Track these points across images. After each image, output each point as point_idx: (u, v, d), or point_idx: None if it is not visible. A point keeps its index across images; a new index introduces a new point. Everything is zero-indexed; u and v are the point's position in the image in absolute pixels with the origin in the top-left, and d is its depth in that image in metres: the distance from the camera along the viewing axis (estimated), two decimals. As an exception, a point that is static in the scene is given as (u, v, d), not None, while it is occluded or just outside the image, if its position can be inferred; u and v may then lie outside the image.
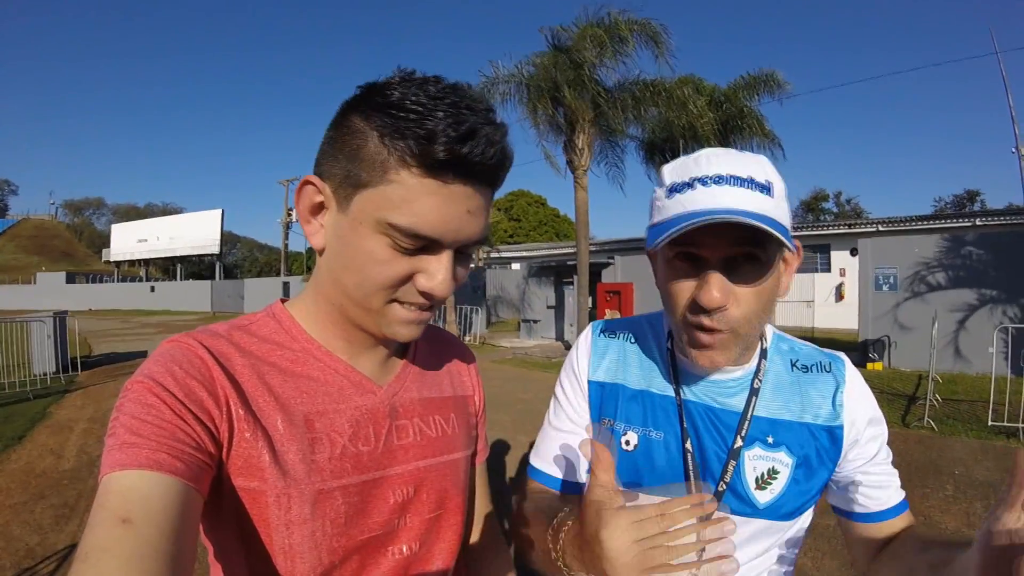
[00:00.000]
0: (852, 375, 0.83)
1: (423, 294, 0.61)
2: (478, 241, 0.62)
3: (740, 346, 0.74)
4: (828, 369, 0.83)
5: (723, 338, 0.72)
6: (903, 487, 0.84)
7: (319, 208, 0.62)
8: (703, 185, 0.69)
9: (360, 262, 0.59)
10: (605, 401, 0.87)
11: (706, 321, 0.70)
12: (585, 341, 0.93)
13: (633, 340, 0.91)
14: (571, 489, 0.90)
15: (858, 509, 0.83)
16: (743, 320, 0.71)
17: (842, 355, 0.86)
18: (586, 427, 0.87)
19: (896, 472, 0.83)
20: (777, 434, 0.79)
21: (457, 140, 0.54)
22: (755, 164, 0.70)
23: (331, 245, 0.62)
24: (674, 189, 0.72)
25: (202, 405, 0.55)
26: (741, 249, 0.68)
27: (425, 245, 0.58)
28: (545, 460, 0.91)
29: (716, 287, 0.68)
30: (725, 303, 0.69)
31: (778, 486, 0.78)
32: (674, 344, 0.87)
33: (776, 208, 0.69)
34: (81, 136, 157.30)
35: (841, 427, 0.80)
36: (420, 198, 0.55)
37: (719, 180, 0.68)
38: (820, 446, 0.79)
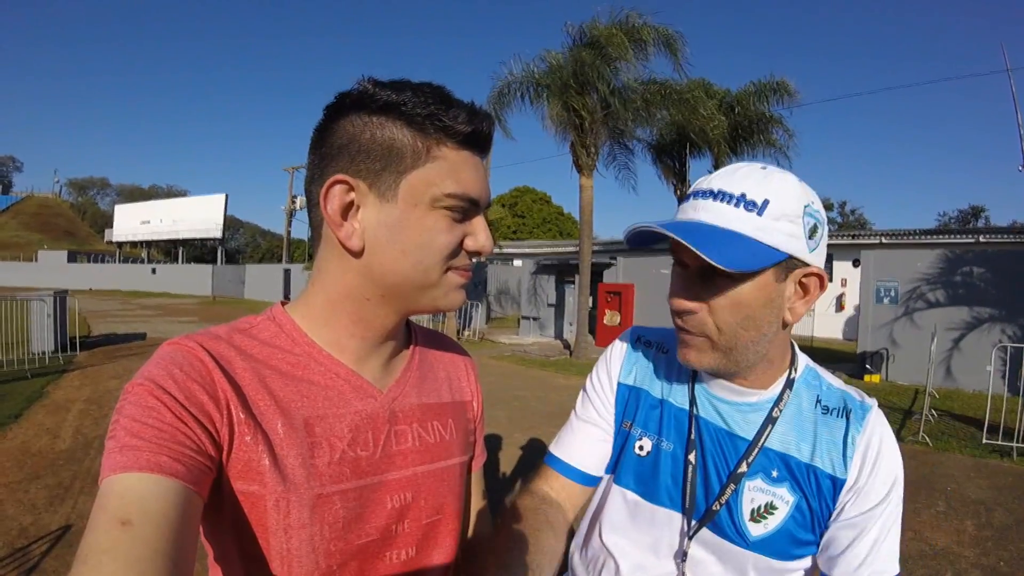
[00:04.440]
0: (874, 426, 0.77)
1: (471, 255, 0.68)
2: (489, 205, 0.70)
3: (721, 356, 0.74)
4: (847, 416, 0.78)
5: (697, 341, 0.75)
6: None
7: (349, 208, 0.62)
8: (695, 198, 0.73)
9: (423, 239, 0.63)
10: (630, 405, 0.90)
11: (678, 322, 0.76)
12: (621, 345, 0.96)
13: (664, 351, 0.92)
14: (588, 481, 0.90)
15: None
16: (715, 328, 0.72)
17: (871, 402, 0.80)
18: None
19: (870, 548, 0.72)
20: (783, 470, 0.77)
21: (473, 117, 0.64)
22: (759, 182, 0.70)
23: (378, 239, 0.63)
24: (683, 200, 0.77)
25: (203, 408, 0.55)
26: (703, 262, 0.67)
27: (468, 209, 0.65)
28: (567, 451, 0.92)
29: (679, 292, 0.74)
30: (689, 308, 0.73)
31: (773, 522, 0.77)
32: None
33: (761, 227, 0.68)
34: (87, 116, 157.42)
35: (843, 480, 0.75)
36: (462, 167, 0.64)
37: (707, 194, 0.72)
38: (822, 495, 0.76)
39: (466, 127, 0.63)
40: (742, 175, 0.71)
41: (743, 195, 0.69)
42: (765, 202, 0.69)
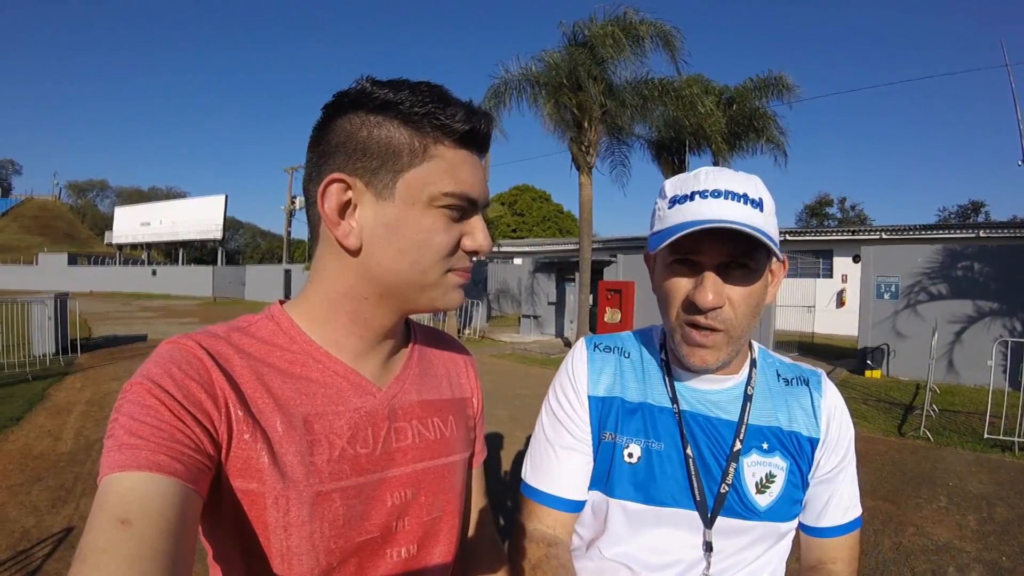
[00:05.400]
0: (829, 390, 0.89)
1: (470, 255, 0.68)
2: (488, 204, 0.69)
3: (731, 348, 0.79)
4: (807, 384, 0.90)
5: (716, 338, 0.77)
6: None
7: (346, 207, 0.62)
8: (702, 198, 0.75)
9: (420, 239, 0.63)
10: (605, 416, 0.88)
11: (700, 320, 0.76)
12: (581, 357, 0.92)
13: (627, 355, 0.92)
14: (580, 507, 0.88)
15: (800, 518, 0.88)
16: (734, 321, 0.77)
17: (820, 371, 0.92)
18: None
19: (848, 495, 0.87)
20: (772, 440, 0.85)
21: (471, 115, 0.64)
22: (748, 182, 0.77)
23: (375, 238, 0.63)
24: (675, 201, 0.78)
25: (201, 406, 0.55)
26: (734, 257, 0.74)
27: (466, 209, 0.65)
28: (552, 483, 0.89)
29: (711, 289, 0.75)
30: (719, 304, 0.75)
31: (776, 489, 0.83)
32: (669, 356, 0.89)
33: (766, 222, 0.75)
34: (86, 118, 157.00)
35: (817, 440, 0.85)
36: (459, 166, 0.64)
37: (716, 194, 0.75)
38: (804, 455, 0.85)
39: (463, 125, 0.63)
40: (730, 177, 0.77)
41: (746, 194, 0.75)
42: (761, 200, 0.76)
